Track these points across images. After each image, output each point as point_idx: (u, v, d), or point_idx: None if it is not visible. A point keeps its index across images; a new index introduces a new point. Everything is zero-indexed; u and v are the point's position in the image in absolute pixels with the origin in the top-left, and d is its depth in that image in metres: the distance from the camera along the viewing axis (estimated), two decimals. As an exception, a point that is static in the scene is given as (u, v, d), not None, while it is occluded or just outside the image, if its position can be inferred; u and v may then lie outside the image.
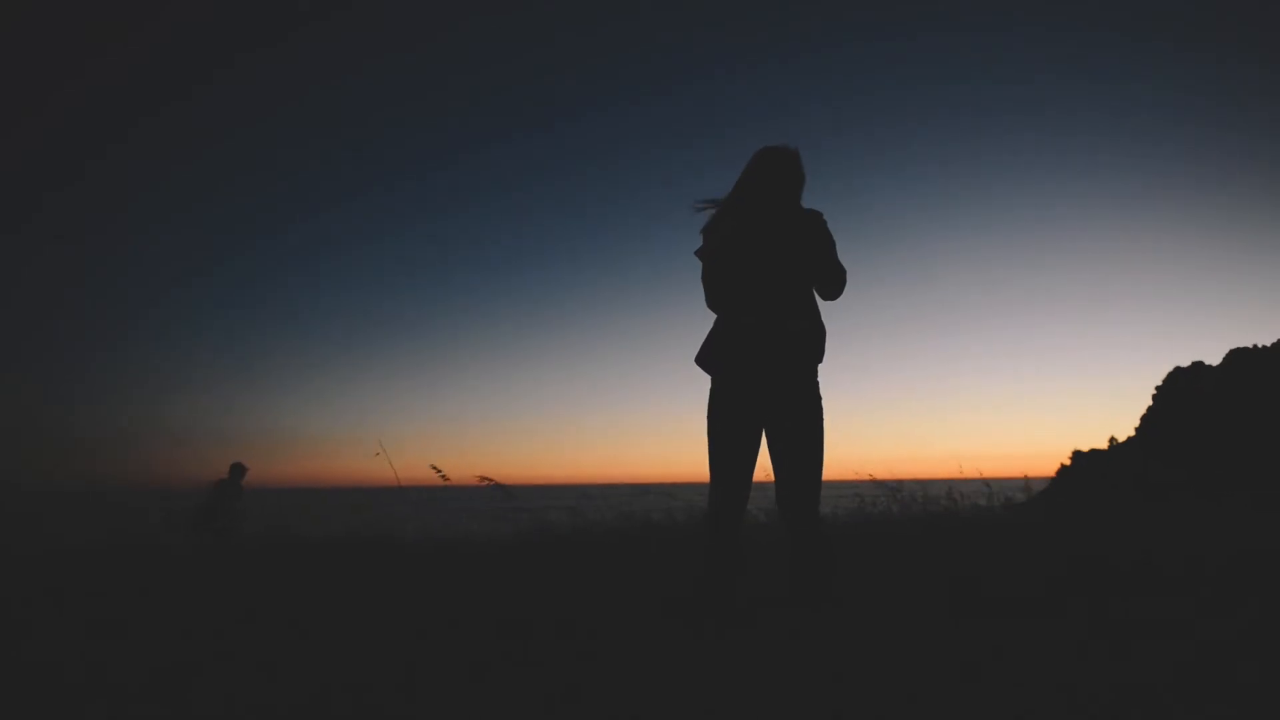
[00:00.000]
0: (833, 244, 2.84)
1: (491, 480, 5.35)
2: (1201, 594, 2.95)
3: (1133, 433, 20.28)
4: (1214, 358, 19.39)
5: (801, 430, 2.71)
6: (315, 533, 6.06)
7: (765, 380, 2.72)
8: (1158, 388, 20.22)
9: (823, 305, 2.88)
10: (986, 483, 7.26)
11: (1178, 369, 20.09)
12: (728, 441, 2.73)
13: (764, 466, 2.85)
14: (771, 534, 4.25)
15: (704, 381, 2.87)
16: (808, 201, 2.91)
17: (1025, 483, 9.83)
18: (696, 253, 2.91)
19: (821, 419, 2.75)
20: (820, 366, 2.82)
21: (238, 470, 9.65)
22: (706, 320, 2.91)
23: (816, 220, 2.85)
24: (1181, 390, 19.28)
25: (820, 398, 2.78)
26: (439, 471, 4.08)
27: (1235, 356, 18.63)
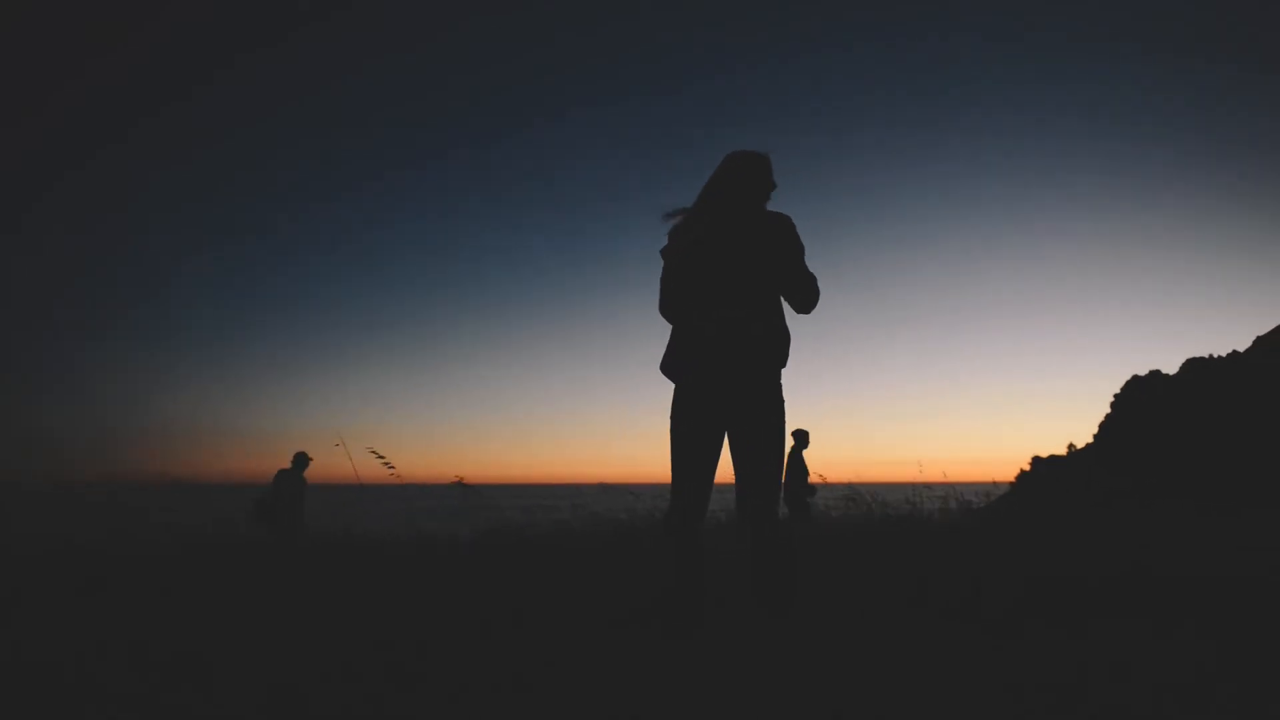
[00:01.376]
0: (801, 249, 2.83)
1: (463, 480, 5.33)
2: (1148, 607, 3.03)
3: (1092, 439, 20.69)
4: (1175, 367, 19.82)
5: (763, 434, 2.72)
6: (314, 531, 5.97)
7: (728, 385, 2.73)
8: (1116, 396, 20.64)
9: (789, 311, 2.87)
10: (948, 488, 7.38)
11: (1136, 377, 20.52)
12: (690, 446, 2.74)
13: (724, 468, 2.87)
14: (726, 537, 4.29)
15: (665, 382, 2.87)
16: (785, 205, 2.92)
17: (986, 488, 10.01)
18: (663, 251, 2.90)
19: (783, 424, 2.76)
20: (784, 370, 2.82)
21: (300, 460, 8.86)
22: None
23: (785, 224, 2.84)
24: (1139, 399, 19.71)
25: (782, 402, 2.78)
26: (383, 459, 4.05)
27: (1191, 366, 19.09)
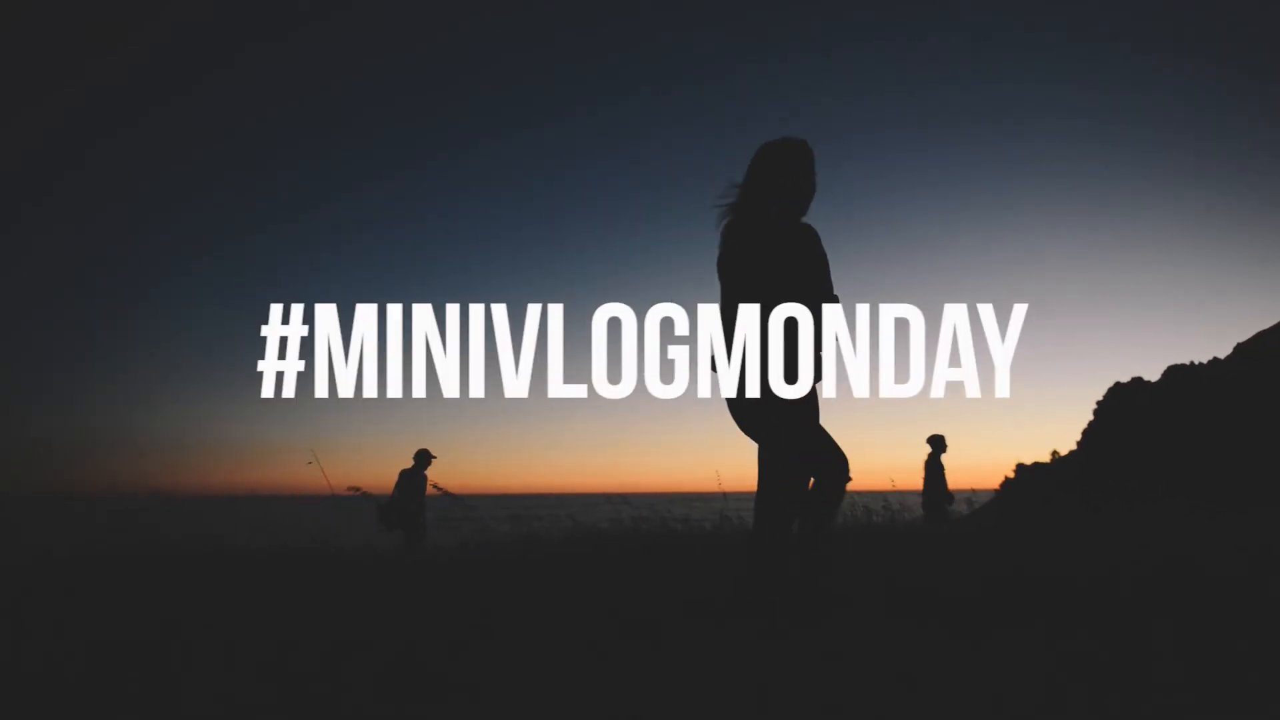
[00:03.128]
0: (824, 267, 2.64)
1: (443, 490, 5.28)
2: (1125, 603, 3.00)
3: (1075, 446, 20.81)
4: (1157, 374, 19.97)
5: (768, 445, 2.73)
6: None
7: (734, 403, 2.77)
8: (1099, 403, 20.79)
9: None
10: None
11: (1118, 384, 20.68)
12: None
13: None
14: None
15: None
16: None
17: (970, 496, 10.01)
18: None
19: (790, 434, 2.69)
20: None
21: (423, 458, 8.50)
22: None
23: (806, 236, 2.64)
24: (1121, 406, 19.85)
25: (792, 413, 2.67)
26: (359, 491, 4.05)
27: (1172, 373, 19.25)
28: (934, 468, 8.87)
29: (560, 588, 3.53)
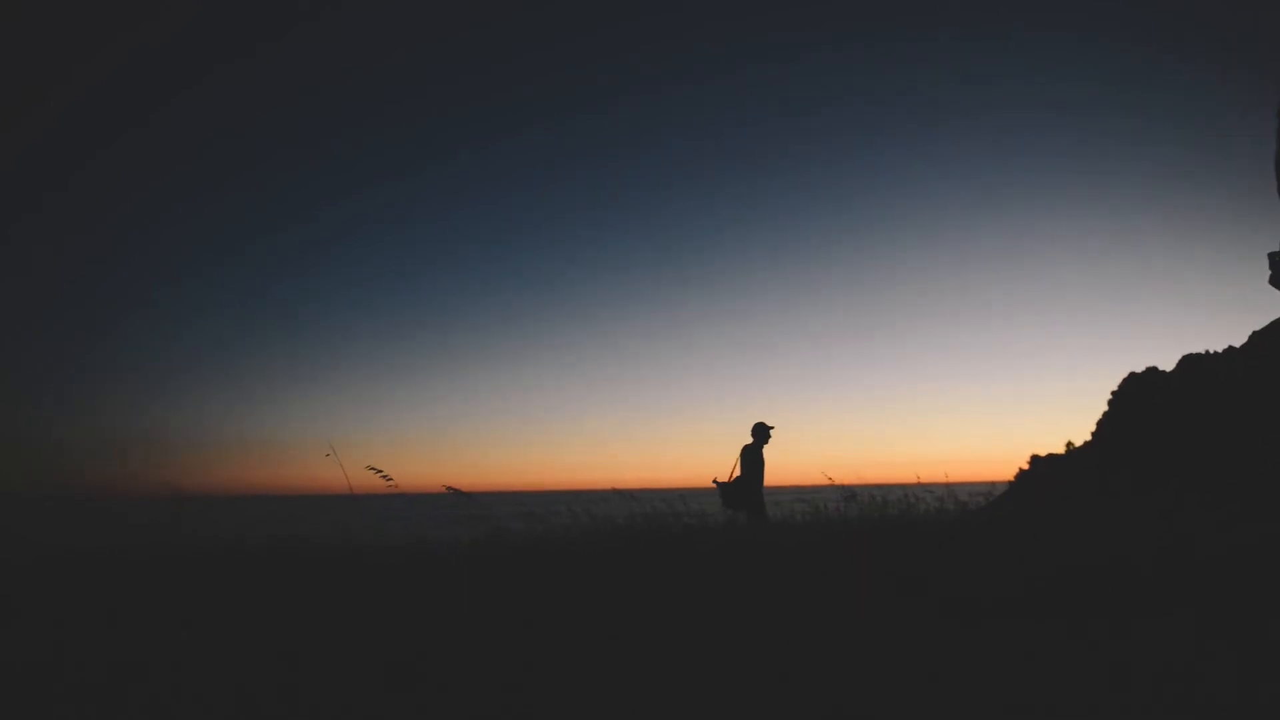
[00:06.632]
0: None
1: (457, 489, 5.32)
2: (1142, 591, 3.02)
3: (1090, 437, 20.65)
4: (1172, 364, 19.75)
5: None
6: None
7: None
8: (1113, 393, 20.61)
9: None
10: (948, 488, 7.37)
11: (1132, 374, 20.48)
12: None
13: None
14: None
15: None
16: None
17: (987, 487, 10.04)
18: None
19: None
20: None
21: (760, 432, 8.13)
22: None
23: None
24: (1136, 395, 19.68)
25: None
26: (380, 472, 4.09)
27: (1187, 362, 19.06)
28: None
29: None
